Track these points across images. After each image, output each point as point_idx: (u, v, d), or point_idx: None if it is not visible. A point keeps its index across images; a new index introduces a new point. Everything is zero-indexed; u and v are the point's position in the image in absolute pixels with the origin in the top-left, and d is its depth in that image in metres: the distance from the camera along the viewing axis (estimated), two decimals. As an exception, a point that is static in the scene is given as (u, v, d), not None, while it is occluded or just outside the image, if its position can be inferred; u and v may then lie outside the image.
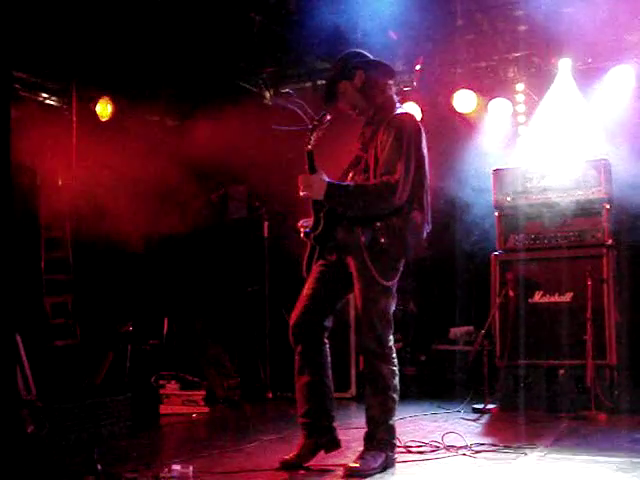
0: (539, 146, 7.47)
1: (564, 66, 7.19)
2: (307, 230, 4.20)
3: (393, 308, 4.16)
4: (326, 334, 4.25)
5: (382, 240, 4.01)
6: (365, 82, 4.23)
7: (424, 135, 4.20)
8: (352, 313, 6.83)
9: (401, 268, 4.14)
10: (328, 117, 4.11)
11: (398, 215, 4.04)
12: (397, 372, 4.15)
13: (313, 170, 4.07)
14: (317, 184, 4.02)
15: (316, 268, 4.24)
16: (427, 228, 4.18)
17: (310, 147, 4.10)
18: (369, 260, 4.01)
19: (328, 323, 4.24)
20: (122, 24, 6.69)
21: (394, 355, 4.14)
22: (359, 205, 4.03)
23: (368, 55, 4.34)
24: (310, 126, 4.12)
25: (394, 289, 4.13)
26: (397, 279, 4.12)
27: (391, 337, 4.14)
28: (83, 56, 6.99)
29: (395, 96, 4.34)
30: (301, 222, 4.30)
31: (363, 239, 4.02)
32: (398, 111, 4.21)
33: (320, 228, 4.14)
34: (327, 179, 4.05)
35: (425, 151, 4.18)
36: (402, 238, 4.04)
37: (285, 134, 4.32)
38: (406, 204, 4.06)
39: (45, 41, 6.60)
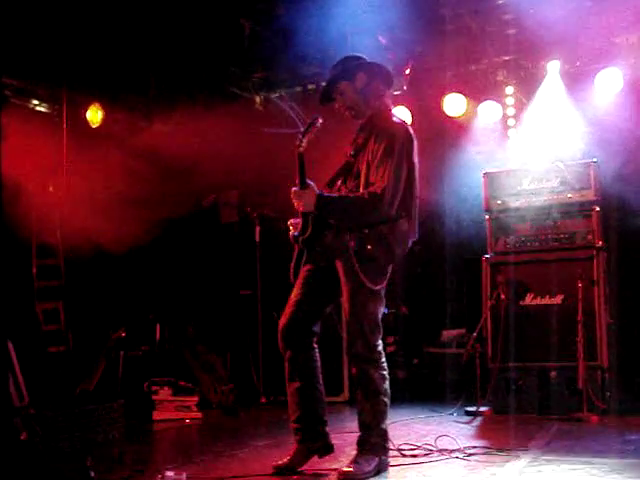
0: (529, 149, 7.50)
1: (553, 68, 7.25)
2: (296, 234, 4.22)
3: (382, 312, 4.17)
4: (315, 339, 4.27)
5: (369, 247, 4.03)
6: (365, 85, 4.26)
7: (415, 144, 4.21)
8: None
9: (389, 273, 4.16)
10: (320, 120, 4.13)
11: (385, 222, 4.06)
12: (387, 376, 4.16)
13: (303, 175, 4.10)
14: (308, 197, 4.07)
15: (303, 273, 4.26)
16: (413, 236, 4.20)
17: (301, 150, 4.12)
18: (357, 265, 4.02)
19: (317, 328, 4.26)
20: (112, 30, 6.69)
21: (383, 359, 4.15)
22: (349, 215, 4.08)
23: (368, 60, 4.36)
24: (302, 129, 4.15)
25: (382, 293, 4.14)
26: (385, 283, 4.14)
27: (380, 341, 4.15)
28: (73, 62, 6.98)
29: (391, 103, 4.36)
30: (291, 220, 4.31)
31: (352, 244, 4.04)
32: (392, 119, 4.24)
33: (309, 232, 4.16)
34: (317, 191, 4.08)
35: (416, 160, 4.19)
36: (388, 245, 4.06)
37: (276, 139, 4.34)
38: (394, 212, 4.07)
39: (35, 47, 6.60)
